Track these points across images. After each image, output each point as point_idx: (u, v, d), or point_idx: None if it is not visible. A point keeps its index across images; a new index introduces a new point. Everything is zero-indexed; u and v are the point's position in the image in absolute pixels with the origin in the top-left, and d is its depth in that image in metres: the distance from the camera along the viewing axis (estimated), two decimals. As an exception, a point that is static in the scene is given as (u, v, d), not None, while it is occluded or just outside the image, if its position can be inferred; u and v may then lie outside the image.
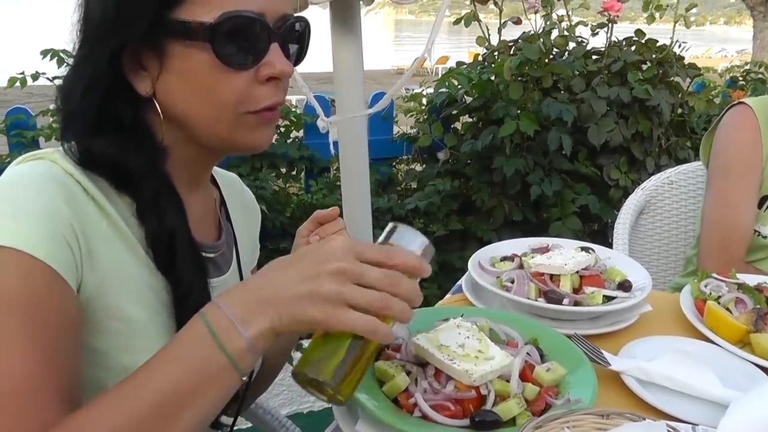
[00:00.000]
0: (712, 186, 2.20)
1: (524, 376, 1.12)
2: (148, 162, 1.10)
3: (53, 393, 0.94)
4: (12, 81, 3.46)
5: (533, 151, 3.83)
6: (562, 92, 3.96)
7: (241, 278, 1.35)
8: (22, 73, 3.48)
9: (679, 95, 4.05)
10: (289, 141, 3.94)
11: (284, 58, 1.10)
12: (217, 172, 1.44)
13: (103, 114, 1.09)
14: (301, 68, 2.01)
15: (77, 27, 1.09)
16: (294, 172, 4.05)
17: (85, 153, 1.07)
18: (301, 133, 4.04)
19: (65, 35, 1.11)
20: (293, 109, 3.98)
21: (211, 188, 1.36)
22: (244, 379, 0.95)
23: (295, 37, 1.16)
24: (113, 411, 0.89)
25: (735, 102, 2.22)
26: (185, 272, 1.12)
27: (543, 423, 0.92)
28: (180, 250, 1.12)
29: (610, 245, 2.37)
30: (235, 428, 1.35)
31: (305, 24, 1.17)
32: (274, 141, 3.81)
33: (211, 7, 1.03)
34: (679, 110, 4.11)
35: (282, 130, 3.91)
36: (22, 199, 0.98)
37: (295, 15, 1.13)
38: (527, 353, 1.18)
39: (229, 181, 1.46)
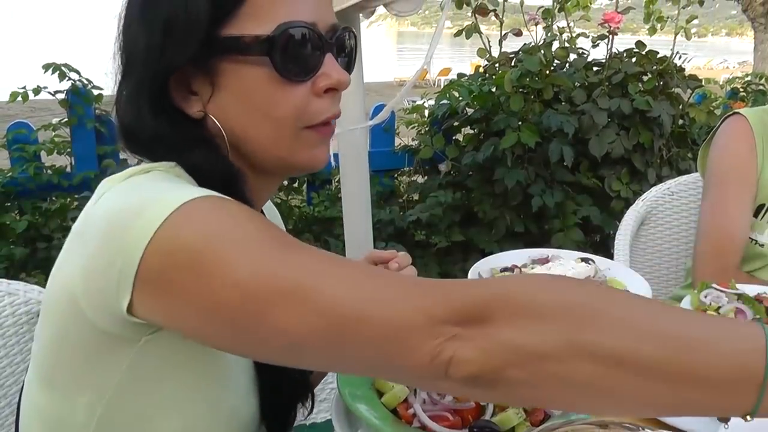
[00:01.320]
0: (707, 195, 2.21)
1: (523, 387, 1.13)
2: (236, 172, 1.04)
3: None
4: (14, 95, 3.46)
5: (534, 162, 3.84)
6: (563, 104, 3.97)
7: None
8: (24, 87, 3.49)
9: (680, 107, 4.06)
10: (291, 153, 3.94)
11: (339, 67, 1.05)
12: None
13: (176, 136, 1.03)
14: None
15: (117, 59, 1.04)
16: (296, 185, 4.07)
17: (190, 168, 1.02)
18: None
19: (67, 49, 1.08)
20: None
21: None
22: None
23: (344, 48, 1.10)
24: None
25: (731, 113, 2.23)
26: None
27: (541, 433, 0.92)
28: None
29: (611, 256, 2.37)
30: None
31: (353, 35, 1.13)
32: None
33: (265, 19, 0.98)
34: (680, 121, 4.12)
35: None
36: (175, 181, 0.96)
37: (343, 26, 1.09)
38: (526, 363, 1.18)
39: (267, 208, 1.39)
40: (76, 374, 0.98)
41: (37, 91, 3.48)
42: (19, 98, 3.44)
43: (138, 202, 0.88)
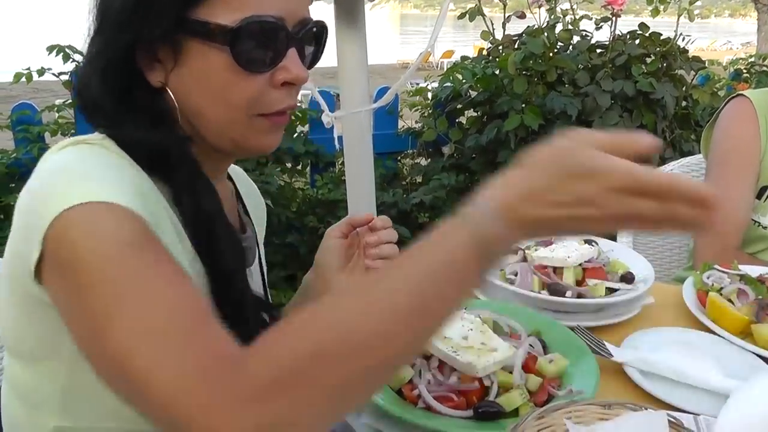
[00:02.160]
0: (709, 176, 2.22)
1: (527, 368, 1.14)
2: (177, 144, 1.09)
3: (210, 320, 0.87)
4: (18, 76, 3.46)
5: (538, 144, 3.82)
6: (566, 86, 3.95)
7: (262, 272, 1.36)
8: (28, 68, 3.49)
9: (684, 88, 4.04)
10: (294, 136, 3.94)
11: (300, 63, 1.08)
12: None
13: (123, 103, 1.07)
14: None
15: (92, 16, 1.08)
16: (299, 167, 4.06)
17: (122, 140, 1.06)
18: (306, 128, 4.05)
19: (71, 31, 1.10)
20: (298, 104, 3.98)
21: (227, 183, 1.35)
22: None
23: (312, 41, 1.14)
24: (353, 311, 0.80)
25: (734, 94, 2.23)
26: (226, 257, 1.11)
27: (545, 413, 0.93)
28: (220, 234, 1.11)
29: (614, 238, 2.38)
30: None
31: (323, 27, 1.15)
32: (278, 136, 3.81)
33: (233, 9, 1.01)
34: (684, 103, 4.10)
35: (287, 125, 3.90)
36: (93, 164, 0.98)
37: (314, 20, 1.12)
38: (530, 345, 1.19)
39: (237, 173, 1.45)
40: (35, 343, 1.02)
41: (41, 72, 3.48)
42: (23, 79, 3.44)
43: (48, 187, 0.94)
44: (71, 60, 3.44)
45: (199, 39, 1.03)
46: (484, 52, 4.26)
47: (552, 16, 4.07)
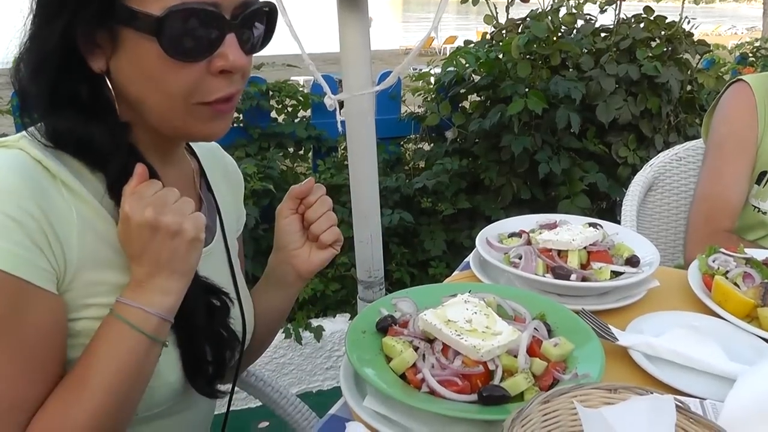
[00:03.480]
0: (706, 160, 2.24)
1: (532, 352, 1.12)
2: (110, 135, 1.08)
3: (33, 406, 1.00)
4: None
5: (541, 129, 3.81)
6: (570, 70, 3.93)
7: (227, 247, 1.36)
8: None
9: (689, 72, 4.02)
10: (296, 121, 3.94)
11: (239, 50, 1.05)
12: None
13: (60, 91, 1.06)
14: (308, 49, 2.01)
15: (30, 2, 1.06)
16: (302, 152, 4.05)
17: (51, 131, 1.06)
18: (308, 113, 4.03)
19: None
20: (300, 89, 3.97)
21: (187, 161, 1.34)
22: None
23: (257, 23, 1.10)
24: (79, 407, 1.01)
25: (734, 79, 2.22)
26: None
27: (551, 398, 0.92)
28: None
29: (618, 223, 2.37)
30: (245, 407, 1.36)
31: (270, 7, 1.12)
32: (281, 120, 3.81)
33: None
34: (689, 87, 4.08)
35: (289, 109, 3.90)
36: None
37: (258, 3, 1.09)
38: (535, 328, 1.17)
39: (207, 149, 1.43)
40: None
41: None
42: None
43: None
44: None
45: (131, 27, 1.01)
46: (488, 36, 4.23)
47: (556, 0, 4.04)
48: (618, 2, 3.92)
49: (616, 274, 1.51)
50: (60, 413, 1.00)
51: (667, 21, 3.97)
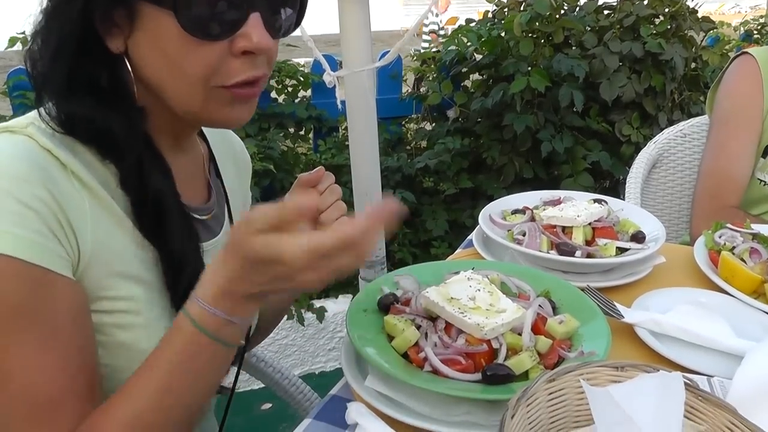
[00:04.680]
0: (710, 135, 2.22)
1: (537, 329, 1.10)
2: (128, 123, 1.03)
3: (74, 397, 0.96)
4: (12, 41, 3.38)
5: (544, 107, 3.79)
6: (573, 48, 3.92)
7: None
8: (23, 32, 3.43)
9: (693, 49, 3.98)
10: (296, 101, 3.91)
11: (264, 30, 0.99)
12: None
13: (78, 75, 1.01)
14: (310, 30, 1.98)
15: None
16: (302, 132, 4.03)
17: (66, 117, 1.01)
18: (308, 93, 4.01)
19: None
20: (300, 69, 3.94)
21: (198, 145, 1.30)
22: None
23: (285, 6, 1.05)
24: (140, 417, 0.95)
25: (739, 53, 2.19)
26: (176, 240, 1.07)
27: (556, 376, 0.90)
28: (168, 215, 1.07)
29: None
30: (248, 389, 1.34)
31: None
32: (281, 101, 3.79)
33: None
34: (693, 64, 4.05)
35: (290, 90, 3.87)
36: None
37: None
38: (539, 305, 1.15)
39: (218, 132, 1.39)
40: None
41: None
42: (18, 44, 3.37)
43: None
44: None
45: (148, 1, 0.96)
46: (490, 14, 4.20)
47: (558, -23, 4.00)
48: (621, -21, 3.88)
49: (621, 251, 1.49)
50: (105, 415, 0.96)
51: (671, -3, 3.93)
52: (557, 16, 3.84)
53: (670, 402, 0.85)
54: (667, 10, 3.90)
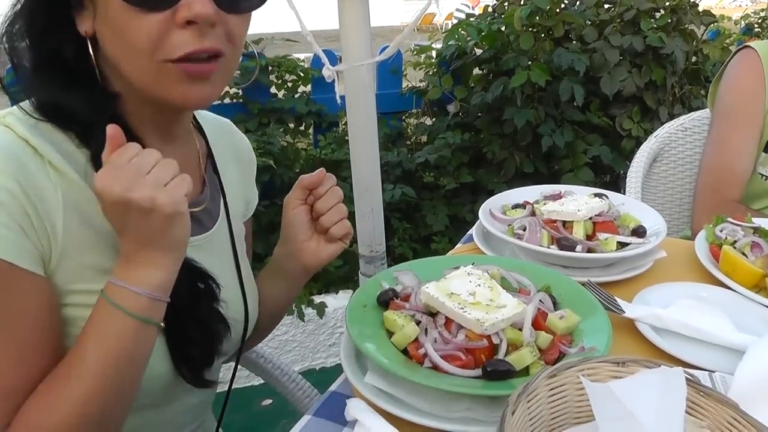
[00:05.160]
0: (712, 129, 2.20)
1: (537, 325, 1.09)
2: (94, 106, 1.02)
3: (15, 394, 0.96)
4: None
5: (544, 101, 3.78)
6: (573, 42, 3.90)
7: (231, 231, 1.31)
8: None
9: (694, 43, 3.97)
10: (296, 96, 3.90)
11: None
12: (205, 118, 1.35)
13: (49, 59, 1.01)
14: (310, 26, 1.97)
15: None
16: (302, 127, 4.02)
17: (39, 104, 1.01)
18: (308, 88, 3.99)
19: None
20: (300, 64, 3.93)
21: (193, 140, 1.28)
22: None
23: None
24: (65, 397, 0.96)
25: (741, 46, 2.17)
26: None
27: (557, 372, 0.89)
28: None
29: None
30: (248, 384, 1.33)
31: None
32: (281, 96, 3.77)
33: None
34: (694, 58, 4.04)
35: (289, 85, 3.86)
36: None
37: None
38: (540, 301, 1.14)
39: (217, 128, 1.37)
40: None
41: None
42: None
43: None
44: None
45: None
46: (490, 9, 4.18)
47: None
48: (622, -28, 3.87)
49: (622, 245, 1.48)
50: (45, 403, 0.96)
51: (671, -9, 3.91)
52: (557, 10, 3.83)
53: (671, 398, 0.84)
54: (667, 3, 3.89)
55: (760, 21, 5.11)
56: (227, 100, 3.71)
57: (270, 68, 3.79)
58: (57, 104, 1.01)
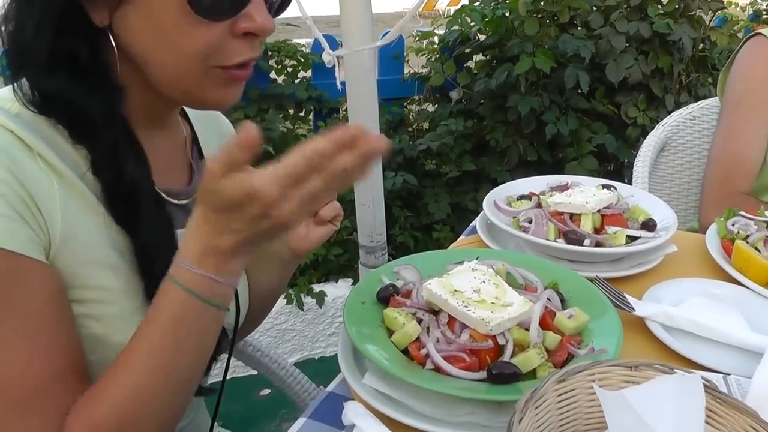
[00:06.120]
0: (722, 118, 2.15)
1: (544, 324, 1.04)
2: (106, 104, 0.98)
3: (60, 382, 0.92)
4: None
5: (549, 88, 3.73)
6: (579, 28, 3.86)
7: None
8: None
9: (701, 29, 3.91)
10: (296, 81, 3.85)
11: (266, 11, 0.98)
12: None
13: (58, 50, 0.95)
14: (311, 11, 1.92)
15: None
16: (302, 114, 3.97)
17: (41, 96, 0.96)
18: (309, 74, 3.94)
19: None
20: (301, 49, 3.87)
21: (180, 126, 1.24)
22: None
23: None
24: (130, 385, 0.91)
25: (752, 33, 2.12)
26: (150, 229, 1.02)
27: (567, 376, 0.84)
28: (143, 204, 1.01)
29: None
30: (247, 374, 1.29)
31: None
32: (281, 81, 3.73)
33: None
34: (701, 45, 3.99)
35: (289, 70, 3.81)
36: None
37: None
38: (547, 299, 1.10)
39: (202, 112, 1.33)
40: None
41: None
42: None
43: None
44: None
45: None
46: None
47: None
48: (628, -42, 3.81)
49: (631, 239, 1.43)
50: (95, 396, 0.91)
51: (678, -24, 3.85)
52: (563, -4, 3.78)
53: (689, 407, 0.79)
54: (674, -11, 3.83)
55: (767, 7, 5.05)
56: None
57: (269, 53, 3.74)
58: (61, 99, 0.96)
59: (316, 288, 3.55)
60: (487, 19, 3.84)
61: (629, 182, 2.32)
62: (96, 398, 0.91)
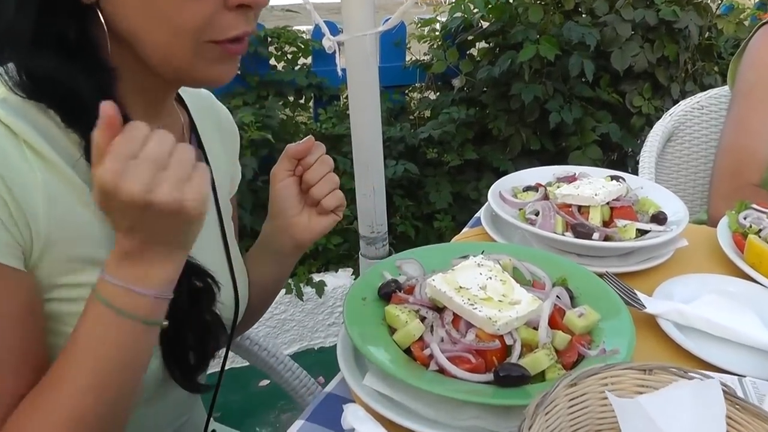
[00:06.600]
0: (732, 109, 2.11)
1: (553, 323, 1.00)
2: (98, 85, 0.93)
3: (11, 402, 0.89)
4: None
5: (553, 77, 3.68)
6: (584, 15, 3.79)
7: (218, 209, 1.22)
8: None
9: (708, 17, 3.85)
10: (296, 68, 3.80)
11: None
12: (184, 89, 1.26)
13: (44, 29, 0.91)
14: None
15: None
16: (302, 101, 3.93)
17: (28, 78, 0.91)
18: (309, 60, 3.89)
19: None
20: (301, 35, 3.82)
21: (176, 112, 1.19)
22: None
23: None
24: (57, 411, 0.88)
25: (764, 21, 2.07)
26: None
27: (578, 380, 0.80)
28: None
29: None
30: (245, 365, 1.25)
31: None
32: (280, 68, 3.69)
33: None
34: (707, 33, 3.93)
35: (289, 57, 3.76)
36: None
37: None
38: (557, 296, 1.05)
39: (198, 98, 1.28)
40: None
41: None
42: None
43: None
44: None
45: None
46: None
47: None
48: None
49: (641, 233, 1.38)
50: (36, 415, 0.88)
51: (685, -37, 3.79)
52: (568, -18, 3.72)
53: (709, 416, 0.75)
54: (681, -25, 3.77)
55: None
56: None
57: (269, 39, 3.69)
58: (50, 81, 0.92)
59: (316, 278, 3.51)
60: (490, 6, 3.78)
61: (633, 172, 2.27)
62: (39, 418, 0.88)
